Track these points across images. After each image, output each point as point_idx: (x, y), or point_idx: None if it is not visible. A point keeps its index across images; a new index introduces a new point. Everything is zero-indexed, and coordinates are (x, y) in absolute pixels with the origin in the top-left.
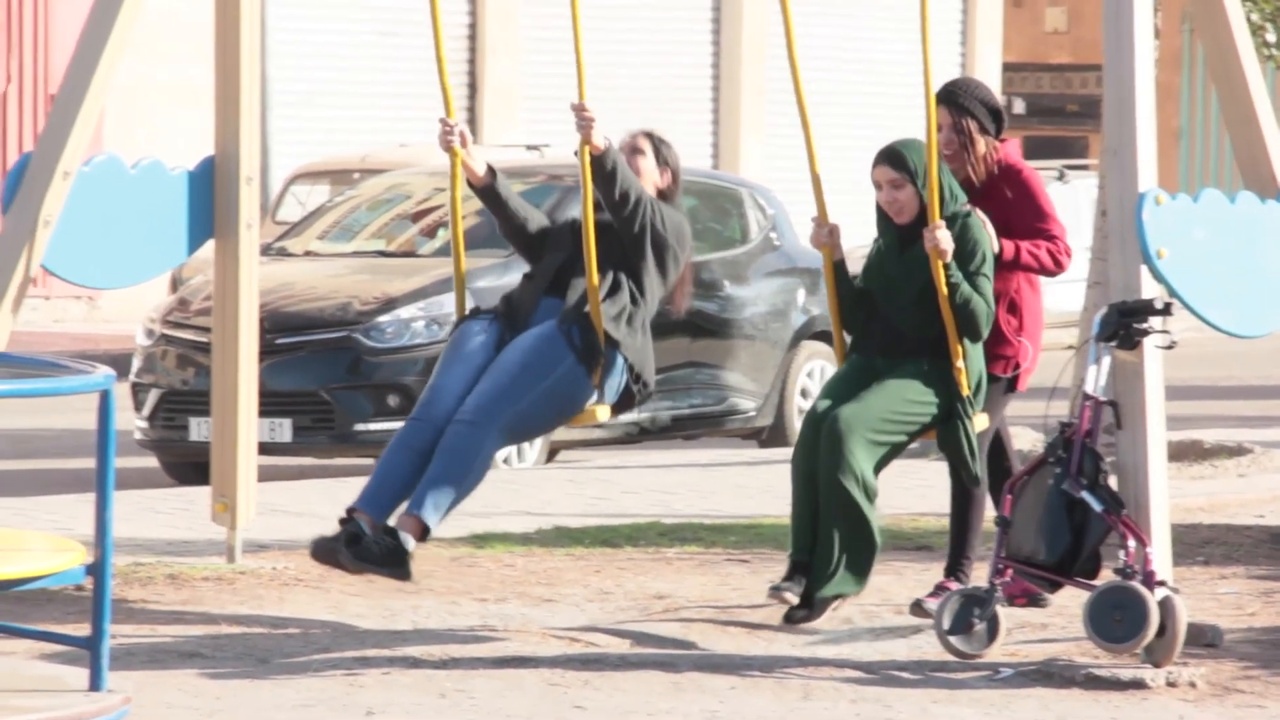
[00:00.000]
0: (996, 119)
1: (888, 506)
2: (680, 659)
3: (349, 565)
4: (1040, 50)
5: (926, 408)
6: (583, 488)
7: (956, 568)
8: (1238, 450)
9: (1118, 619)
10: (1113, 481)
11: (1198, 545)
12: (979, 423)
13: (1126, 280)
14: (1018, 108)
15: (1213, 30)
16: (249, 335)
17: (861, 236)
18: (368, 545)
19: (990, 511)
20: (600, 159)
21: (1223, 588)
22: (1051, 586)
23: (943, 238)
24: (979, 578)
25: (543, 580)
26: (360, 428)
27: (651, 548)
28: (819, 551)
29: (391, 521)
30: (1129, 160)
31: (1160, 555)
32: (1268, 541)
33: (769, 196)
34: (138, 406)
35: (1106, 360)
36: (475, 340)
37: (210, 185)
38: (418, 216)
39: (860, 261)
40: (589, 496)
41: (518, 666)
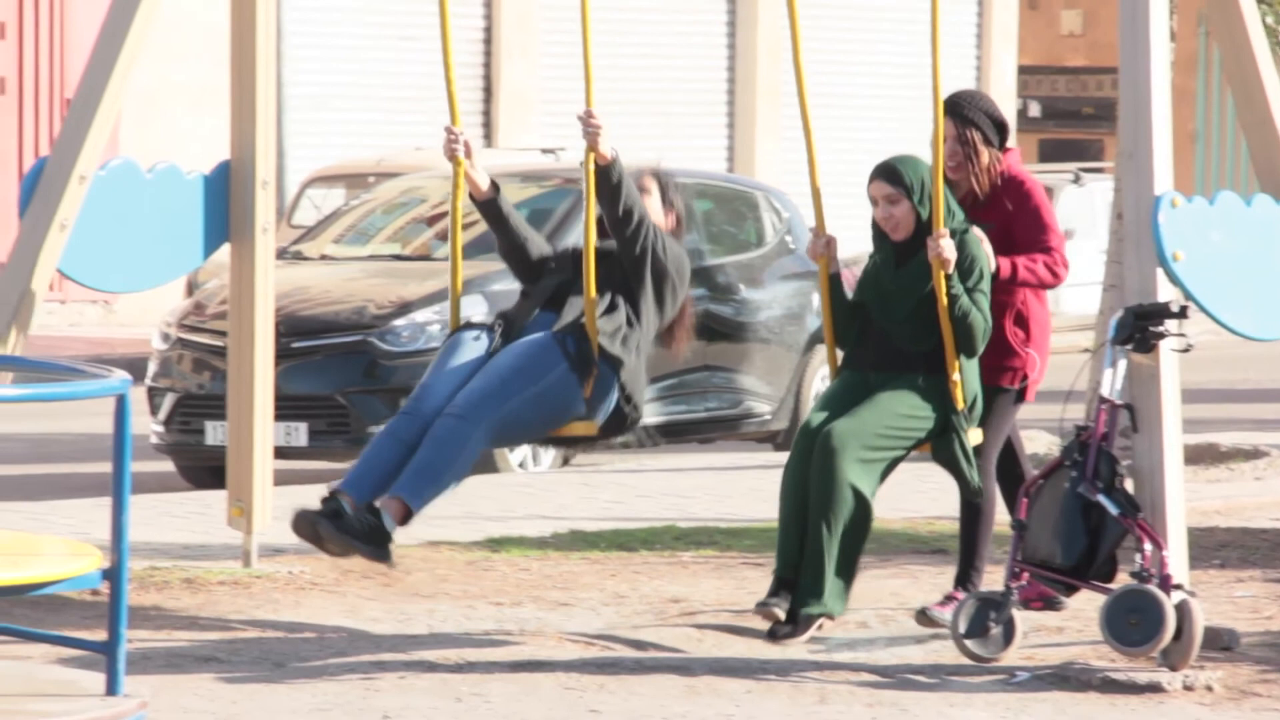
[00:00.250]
0: (1000, 131)
1: (902, 510)
2: (696, 663)
3: (329, 538)
4: (1056, 53)
5: (922, 422)
6: (598, 491)
7: (966, 578)
8: (1254, 453)
9: (1134, 622)
10: (1129, 485)
11: (1214, 548)
12: (973, 437)
13: (1142, 283)
14: (1033, 111)
15: (1229, 33)
16: (265, 339)
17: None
18: (349, 520)
19: (1001, 518)
20: (606, 170)
21: (1239, 591)
22: (1068, 590)
23: (946, 246)
24: (995, 582)
25: (558, 584)
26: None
27: (667, 551)
28: (807, 567)
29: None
30: (1145, 163)
31: (1176, 559)
32: None
33: (784, 200)
34: (154, 411)
35: (1122, 363)
36: (469, 345)
37: (226, 189)
38: (433, 220)
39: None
40: (604, 500)
41: (533, 670)
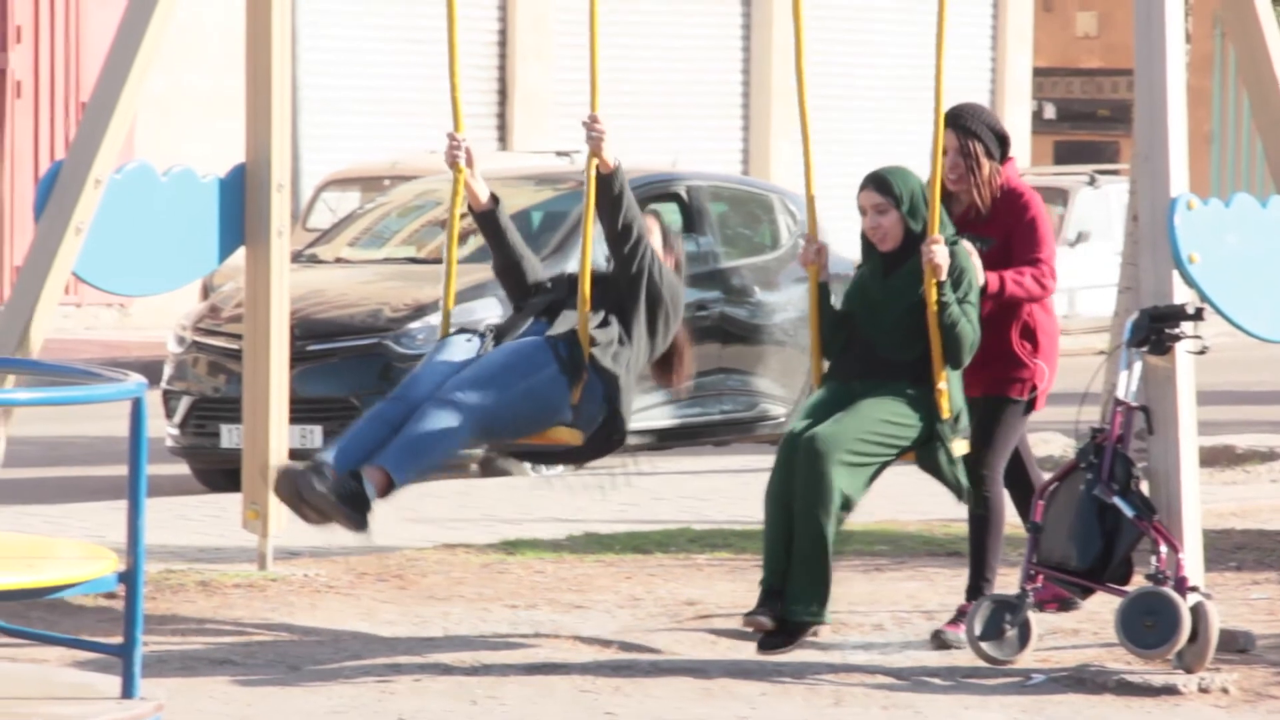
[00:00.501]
0: (1002, 143)
1: (918, 512)
2: (711, 665)
3: (311, 498)
4: (1071, 55)
5: (907, 429)
6: (613, 494)
7: (977, 590)
8: (1270, 455)
9: (1150, 625)
10: (1144, 487)
11: (1230, 551)
12: (958, 448)
13: (1158, 285)
14: (1048, 113)
15: (1244, 34)
16: (280, 342)
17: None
18: (332, 482)
19: (1012, 520)
20: (608, 179)
21: (1255, 593)
22: (1083, 592)
23: (939, 252)
24: (1009, 584)
25: (574, 587)
26: None
27: (682, 554)
28: (795, 576)
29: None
30: (1160, 165)
31: (1192, 561)
32: None
33: (799, 202)
34: (169, 414)
35: (1138, 365)
36: (460, 345)
37: (241, 192)
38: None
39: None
40: (619, 503)
41: (549, 673)
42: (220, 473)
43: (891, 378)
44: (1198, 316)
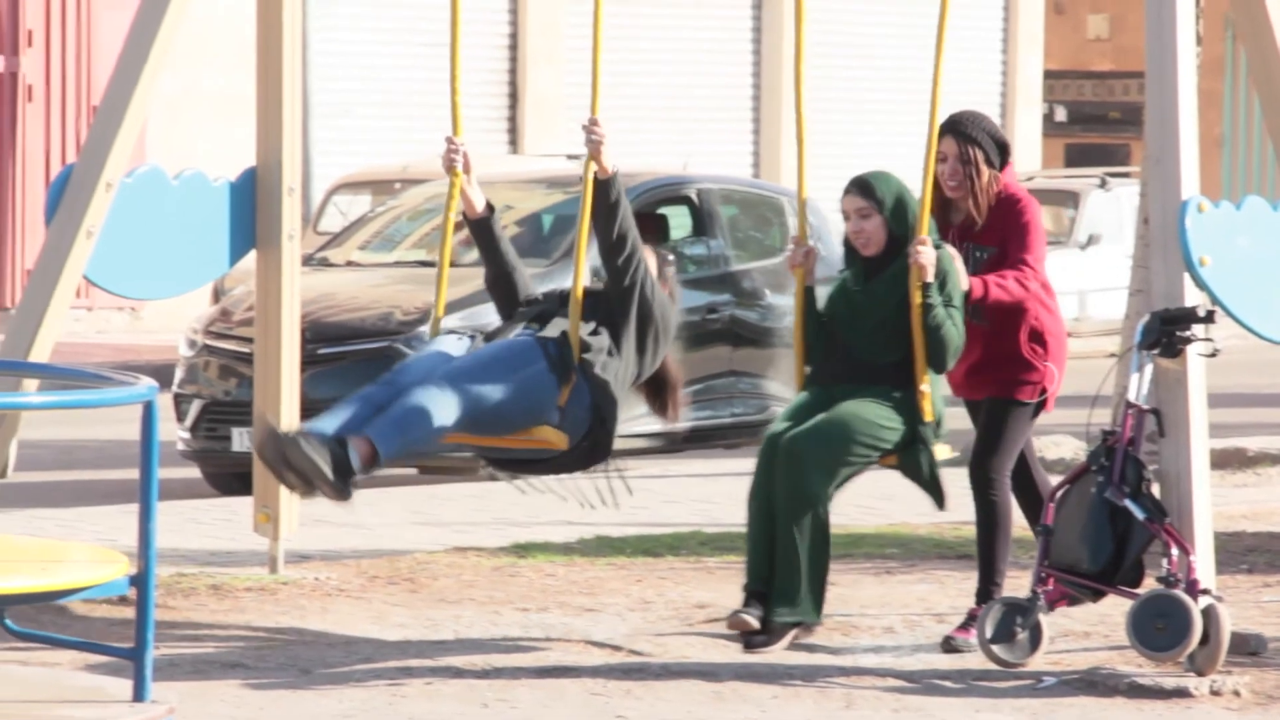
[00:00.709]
0: (1002, 151)
1: (928, 515)
2: (722, 668)
3: (294, 459)
4: (1082, 57)
5: (889, 431)
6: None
7: (987, 595)
8: None
9: (1161, 627)
10: (1155, 490)
11: (1241, 553)
12: (940, 452)
13: (1169, 288)
14: (1059, 115)
15: (1255, 36)
16: (291, 345)
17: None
18: (316, 446)
19: (1020, 523)
20: (605, 184)
21: (1266, 596)
22: (1094, 595)
23: (926, 253)
24: (1020, 586)
25: (584, 590)
26: None
27: (693, 557)
28: (779, 576)
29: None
30: (1171, 168)
31: (1203, 563)
32: None
33: (811, 205)
34: (180, 417)
35: (1149, 368)
36: (450, 342)
37: (252, 196)
38: (459, 226)
39: None
40: (630, 506)
41: (560, 676)
42: (231, 476)
43: (873, 381)
44: (1209, 319)
